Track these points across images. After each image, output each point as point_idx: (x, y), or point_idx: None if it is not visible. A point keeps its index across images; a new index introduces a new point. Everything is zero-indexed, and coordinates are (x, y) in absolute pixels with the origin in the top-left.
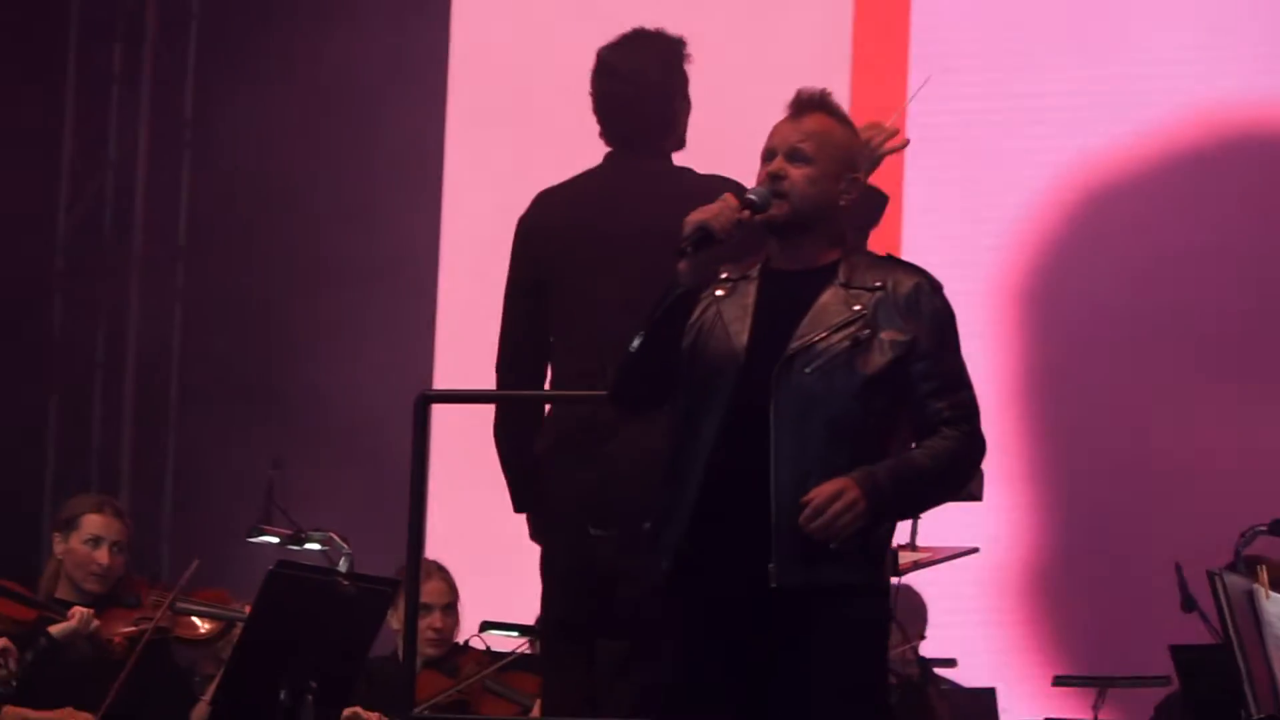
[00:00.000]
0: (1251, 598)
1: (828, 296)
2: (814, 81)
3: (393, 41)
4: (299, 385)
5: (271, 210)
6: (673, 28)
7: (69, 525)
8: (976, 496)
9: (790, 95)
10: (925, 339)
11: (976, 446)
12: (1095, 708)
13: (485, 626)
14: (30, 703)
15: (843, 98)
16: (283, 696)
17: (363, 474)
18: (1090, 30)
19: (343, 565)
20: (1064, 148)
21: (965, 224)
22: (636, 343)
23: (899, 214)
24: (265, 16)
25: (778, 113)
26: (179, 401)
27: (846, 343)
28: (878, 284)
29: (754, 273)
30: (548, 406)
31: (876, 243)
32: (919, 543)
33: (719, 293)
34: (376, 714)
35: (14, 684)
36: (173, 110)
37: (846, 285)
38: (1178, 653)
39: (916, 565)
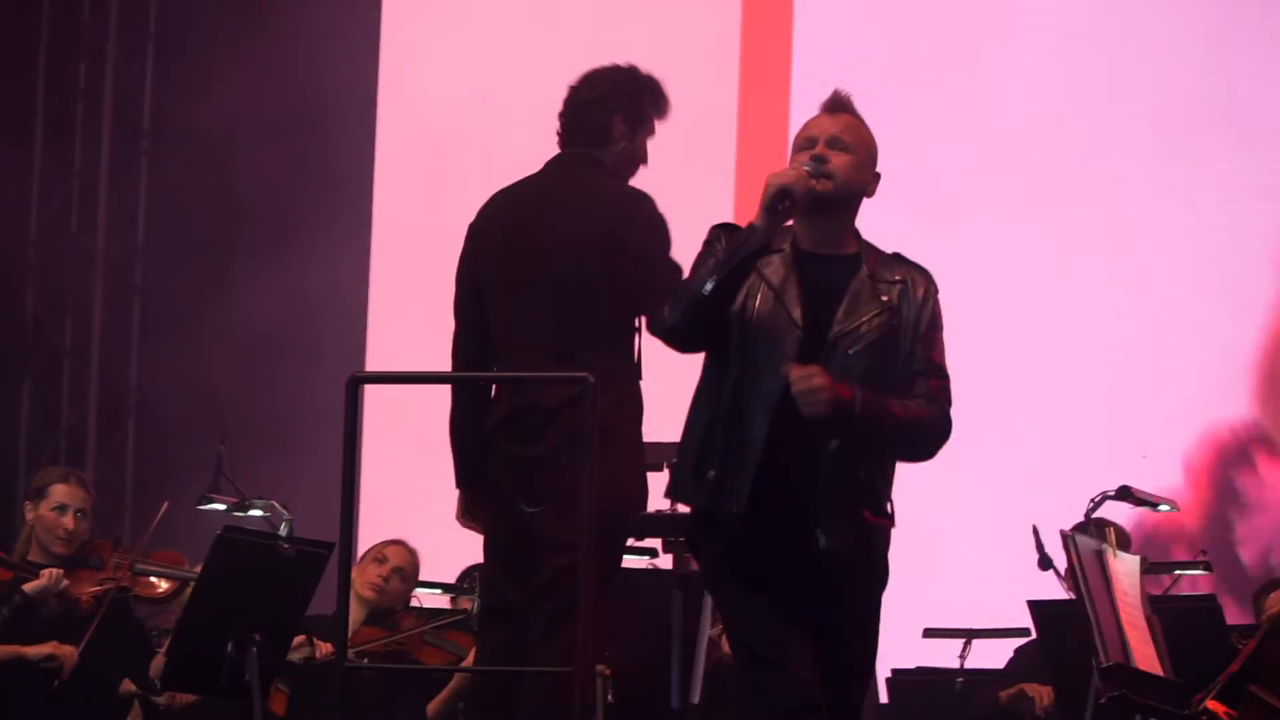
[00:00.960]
0: (1100, 556)
1: (858, 285)
2: (705, 88)
3: (328, 64)
4: (244, 367)
5: (220, 213)
6: (576, 34)
7: (39, 494)
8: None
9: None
10: (924, 328)
11: (944, 424)
12: (961, 656)
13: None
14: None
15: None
16: (229, 648)
17: (302, 448)
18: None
19: (283, 530)
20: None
21: None
22: (709, 286)
23: None
24: (215, 38)
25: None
26: (138, 384)
27: (878, 332)
28: (897, 278)
29: (786, 249)
30: (494, 390)
31: None
32: None
33: (766, 270)
34: (329, 644)
35: None
36: (132, 122)
37: (874, 277)
38: (1035, 606)
39: None
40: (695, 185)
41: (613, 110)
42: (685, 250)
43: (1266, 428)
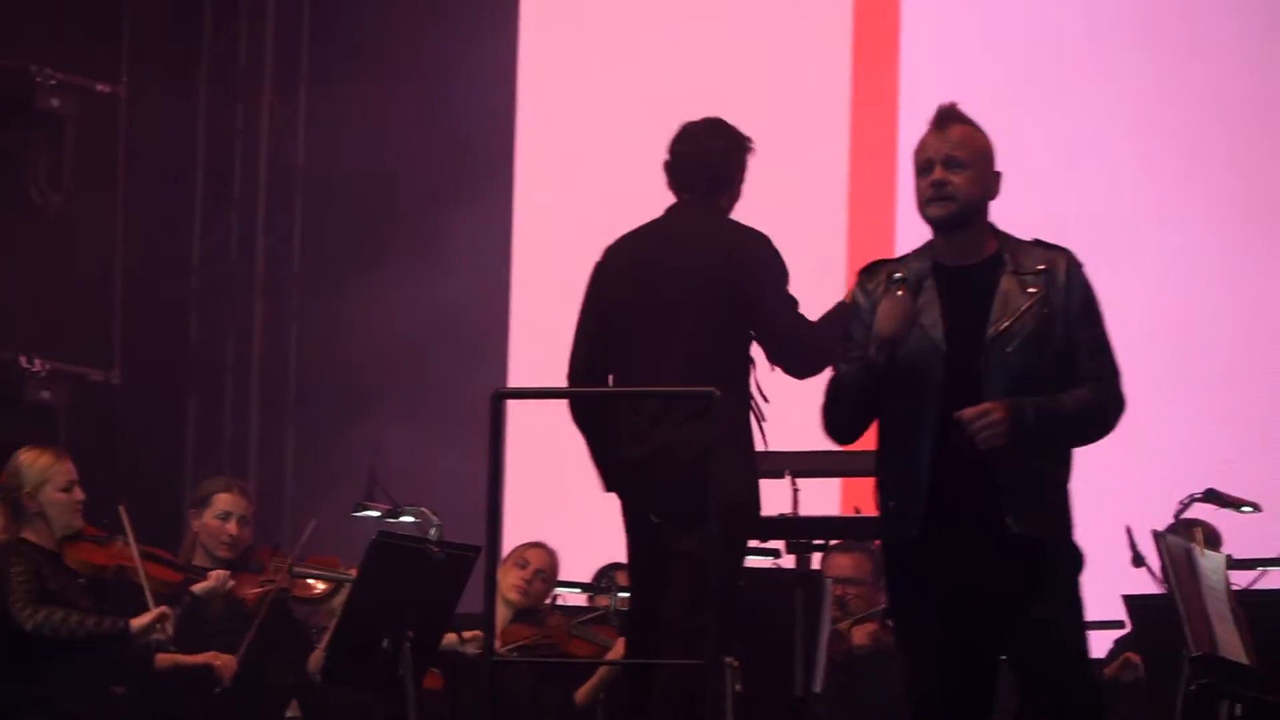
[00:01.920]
0: (1189, 554)
1: (1006, 284)
2: (817, 111)
3: (467, 94)
4: (394, 384)
5: (368, 239)
6: (690, 47)
7: (203, 503)
8: None
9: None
10: (1076, 308)
11: (1116, 401)
12: None
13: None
14: (179, 651)
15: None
16: (385, 645)
17: (448, 456)
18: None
19: (433, 534)
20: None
21: None
22: (847, 411)
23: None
24: (361, 79)
25: (784, 141)
26: (296, 399)
27: (1034, 322)
28: (1041, 267)
29: (926, 269)
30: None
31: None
32: None
33: (899, 293)
34: (471, 631)
35: (171, 643)
36: (286, 158)
37: (1017, 272)
38: (1130, 601)
39: None
40: (807, 202)
41: (735, 159)
42: (803, 278)
43: None
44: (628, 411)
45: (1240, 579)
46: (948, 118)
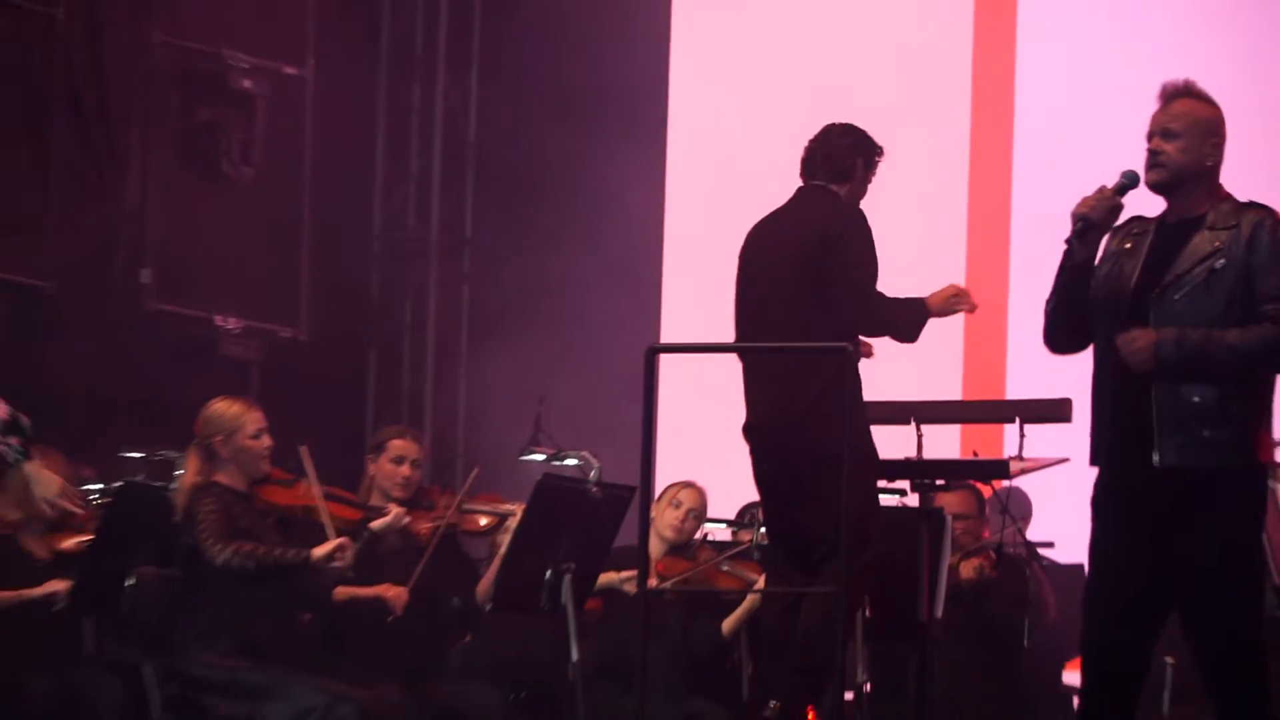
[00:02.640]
0: (1274, 492)
1: (1197, 239)
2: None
3: (622, 78)
4: (557, 338)
5: (531, 207)
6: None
7: (379, 449)
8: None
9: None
10: (1261, 260)
11: None
12: None
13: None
14: (356, 582)
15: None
16: (548, 575)
17: (608, 405)
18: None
19: (593, 476)
20: None
21: None
22: (1051, 304)
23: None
24: (525, 61)
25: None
26: (468, 355)
27: (1204, 273)
28: (1233, 223)
29: (1151, 227)
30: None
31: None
32: (1025, 454)
33: (1127, 245)
34: (628, 570)
35: (350, 571)
36: (458, 134)
37: (1211, 228)
38: None
39: (1024, 471)
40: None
41: (858, 153)
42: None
43: None
44: (746, 371)
45: None
46: (1171, 93)
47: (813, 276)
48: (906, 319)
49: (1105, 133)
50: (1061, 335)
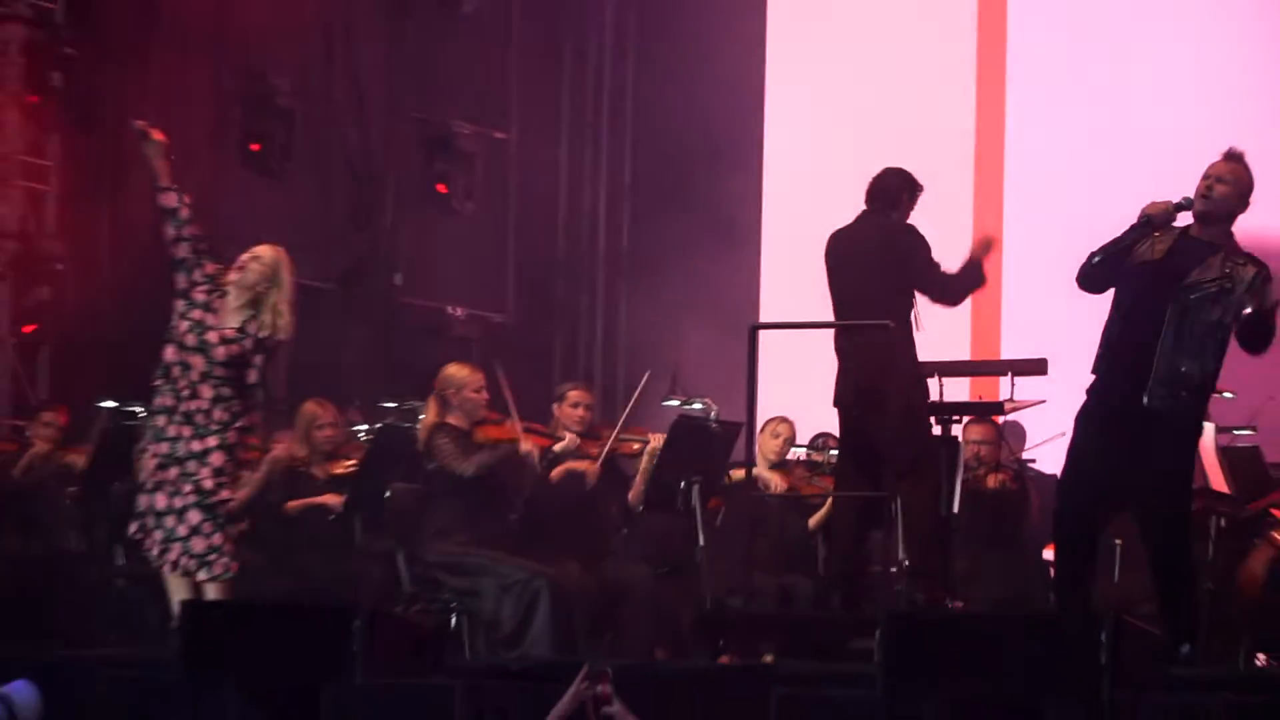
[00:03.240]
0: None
1: (1214, 259)
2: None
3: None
4: (690, 318)
5: (676, 223)
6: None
7: (561, 398)
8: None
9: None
10: (1249, 300)
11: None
12: None
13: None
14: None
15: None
16: (682, 485)
17: (724, 366)
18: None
19: (713, 415)
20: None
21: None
22: (1097, 259)
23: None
24: (670, 110)
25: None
26: (626, 333)
27: (1215, 288)
28: (1242, 262)
29: (1177, 233)
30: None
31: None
32: (1016, 398)
33: (1157, 234)
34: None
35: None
36: (618, 182)
37: (1226, 257)
38: None
39: (1015, 409)
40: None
41: (903, 189)
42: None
43: None
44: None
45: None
46: (1231, 157)
47: (897, 276)
48: (970, 282)
49: (1078, 140)
50: (1095, 282)
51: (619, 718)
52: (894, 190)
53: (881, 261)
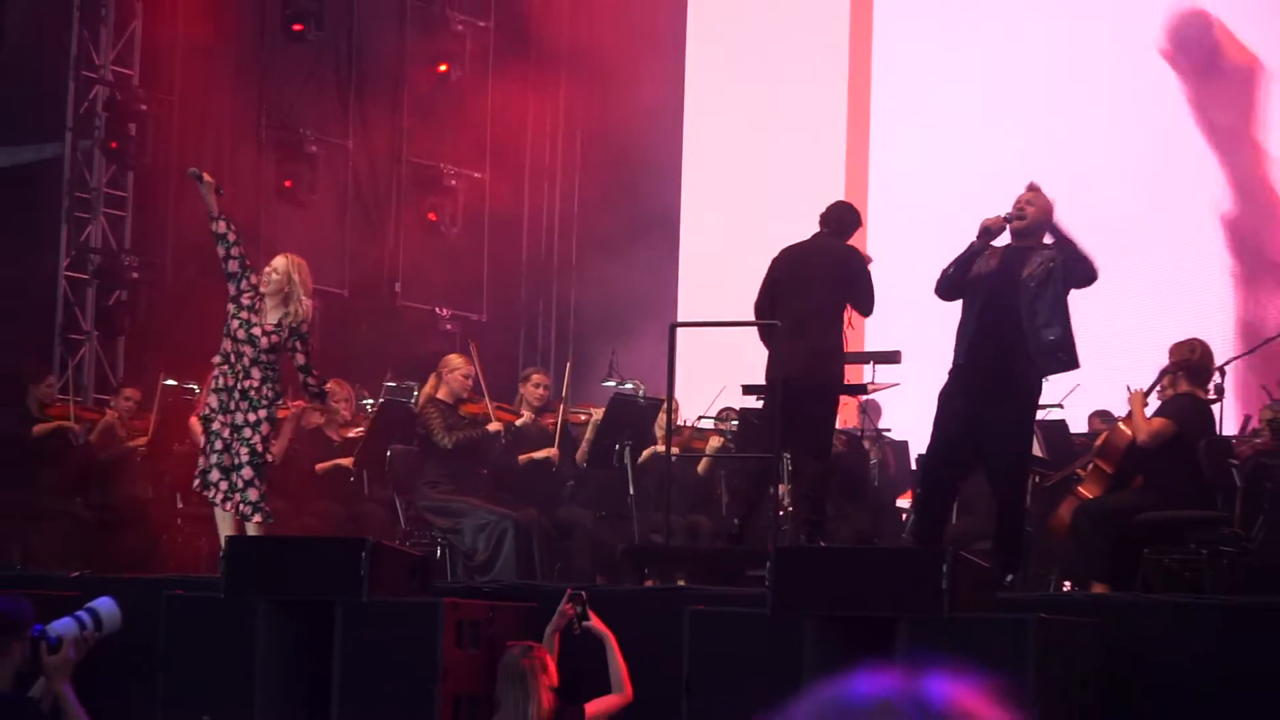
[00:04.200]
0: None
1: (1034, 256)
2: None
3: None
4: (627, 319)
5: (618, 242)
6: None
7: (525, 380)
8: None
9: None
10: (1062, 272)
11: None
12: None
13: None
14: (515, 451)
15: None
16: (616, 447)
17: (645, 355)
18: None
19: (640, 394)
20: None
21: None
22: (951, 270)
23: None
24: (611, 144)
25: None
26: (574, 332)
27: (1044, 272)
28: (1052, 253)
29: (1001, 249)
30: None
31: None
32: (876, 380)
33: (986, 253)
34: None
35: (504, 440)
36: (568, 209)
37: (1043, 250)
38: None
39: (876, 389)
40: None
41: (855, 220)
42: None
43: None
44: (781, 336)
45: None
46: (1033, 188)
47: (841, 289)
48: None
49: (931, 171)
50: (948, 291)
51: (594, 627)
52: (848, 220)
53: (833, 276)
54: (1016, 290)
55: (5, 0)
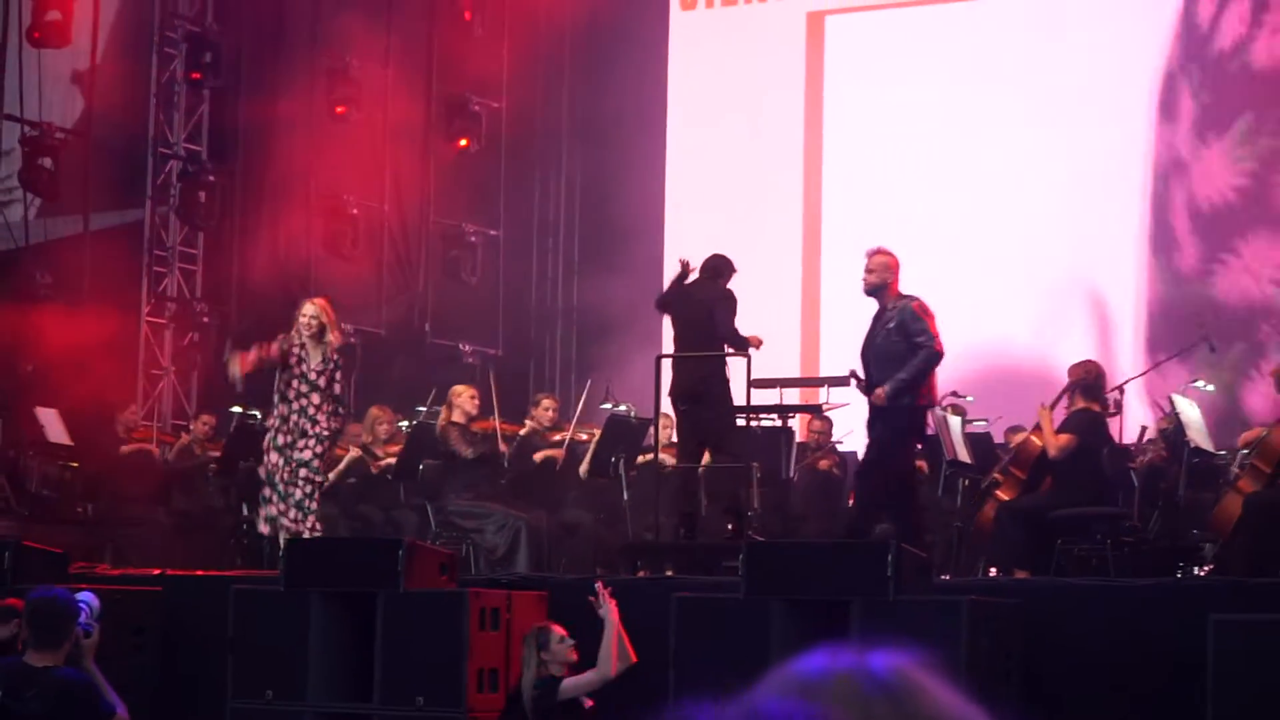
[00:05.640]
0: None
1: (888, 314)
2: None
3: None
4: (617, 350)
5: (611, 286)
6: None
7: (536, 404)
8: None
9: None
10: (903, 327)
11: (930, 362)
12: None
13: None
14: (525, 463)
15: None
16: (613, 460)
17: (637, 380)
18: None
19: (632, 414)
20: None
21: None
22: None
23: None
24: (590, 196)
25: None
26: (576, 362)
27: (890, 327)
28: (894, 305)
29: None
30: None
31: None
32: (831, 400)
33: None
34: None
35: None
36: (568, 258)
37: (891, 308)
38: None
39: (831, 408)
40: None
41: (728, 267)
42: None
43: None
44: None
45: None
46: (869, 253)
47: (710, 319)
48: (741, 343)
49: (880, 213)
50: None
51: (608, 614)
52: (722, 268)
53: (710, 311)
54: (875, 341)
55: (95, 92)
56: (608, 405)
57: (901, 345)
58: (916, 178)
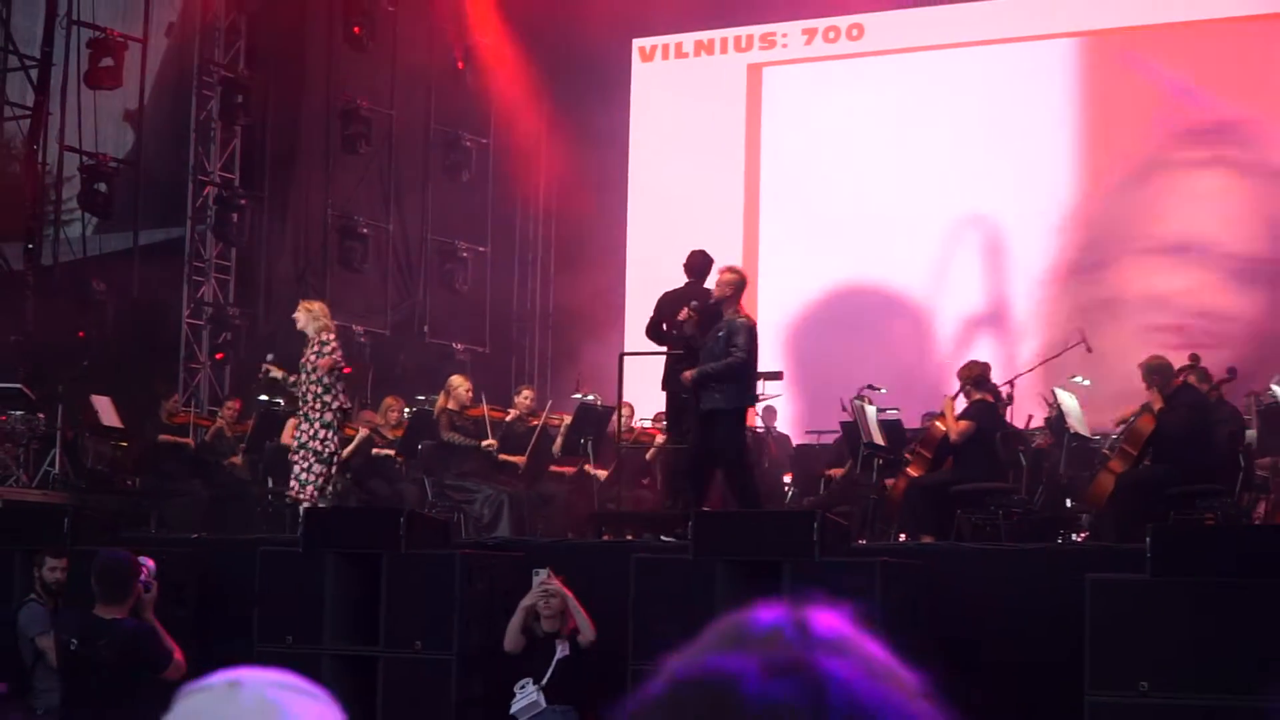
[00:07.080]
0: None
1: (721, 323)
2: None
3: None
4: (586, 348)
5: (582, 287)
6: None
7: (518, 393)
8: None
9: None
10: (727, 337)
11: (733, 369)
12: None
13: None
14: (504, 450)
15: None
16: (581, 440)
17: (607, 373)
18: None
19: (599, 403)
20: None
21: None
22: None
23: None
24: (580, 211)
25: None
26: (553, 361)
27: (719, 335)
28: (727, 319)
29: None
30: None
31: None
32: (766, 393)
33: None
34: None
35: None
36: (545, 270)
37: (723, 319)
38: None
39: (765, 399)
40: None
41: (706, 267)
42: None
43: None
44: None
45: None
46: (720, 271)
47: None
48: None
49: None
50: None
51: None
52: (700, 266)
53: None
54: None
55: (143, 128)
56: (578, 395)
57: (721, 350)
58: (846, 211)
